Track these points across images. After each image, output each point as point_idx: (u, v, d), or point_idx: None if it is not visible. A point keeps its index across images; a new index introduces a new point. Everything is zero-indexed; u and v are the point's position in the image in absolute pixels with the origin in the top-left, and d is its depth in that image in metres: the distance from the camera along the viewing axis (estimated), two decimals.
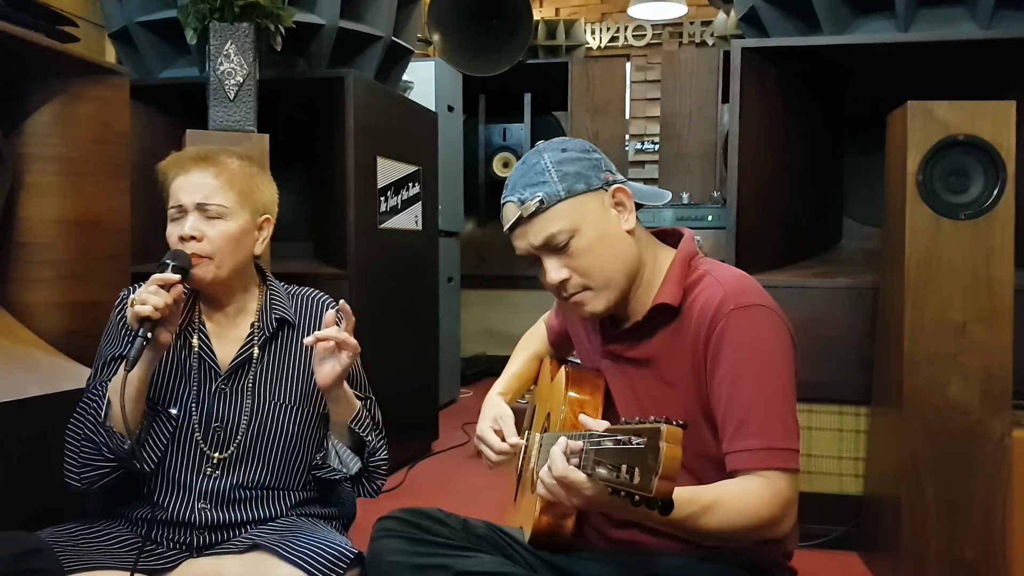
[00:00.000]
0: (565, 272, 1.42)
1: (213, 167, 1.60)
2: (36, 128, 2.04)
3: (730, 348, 1.36)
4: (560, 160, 1.42)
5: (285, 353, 1.68)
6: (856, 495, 2.57)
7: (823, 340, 2.55)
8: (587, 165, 1.43)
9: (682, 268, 1.46)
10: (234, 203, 1.60)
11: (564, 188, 1.40)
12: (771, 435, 1.32)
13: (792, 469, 1.34)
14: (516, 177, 1.45)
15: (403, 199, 3.44)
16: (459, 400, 4.93)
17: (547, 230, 1.40)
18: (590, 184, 1.42)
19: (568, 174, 1.41)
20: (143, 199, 2.68)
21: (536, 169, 1.42)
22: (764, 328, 1.37)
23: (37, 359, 1.96)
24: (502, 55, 5.29)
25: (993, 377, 2.15)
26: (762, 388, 1.34)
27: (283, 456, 1.64)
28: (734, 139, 2.65)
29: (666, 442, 1.04)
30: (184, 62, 3.17)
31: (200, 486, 1.59)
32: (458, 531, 1.54)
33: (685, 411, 1.41)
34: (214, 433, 1.61)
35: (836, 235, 2.94)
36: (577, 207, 1.40)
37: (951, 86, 2.45)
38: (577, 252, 1.40)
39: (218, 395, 1.62)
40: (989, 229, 2.16)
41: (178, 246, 1.57)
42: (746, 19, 2.93)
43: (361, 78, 3.08)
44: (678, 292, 1.43)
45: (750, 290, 1.41)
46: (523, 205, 1.40)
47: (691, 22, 6.44)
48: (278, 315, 1.68)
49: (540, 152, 1.45)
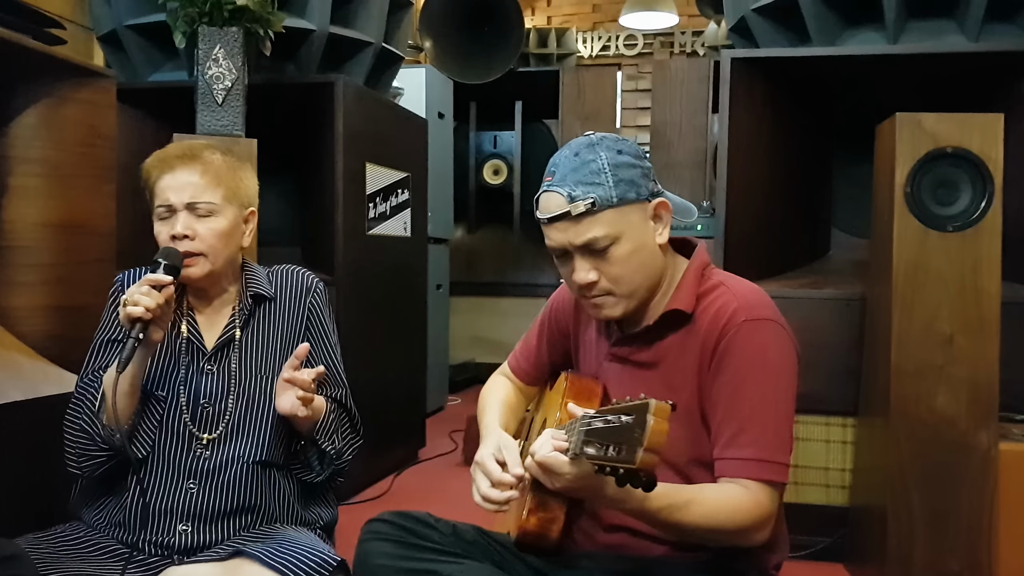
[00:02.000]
0: (595, 275, 1.41)
1: (200, 165, 1.62)
2: (21, 131, 2.03)
3: (736, 357, 1.37)
4: (617, 163, 1.39)
5: (266, 328, 1.71)
6: (842, 506, 2.56)
7: (810, 350, 2.51)
8: (639, 173, 1.41)
9: (696, 276, 1.47)
10: (222, 199, 1.63)
11: (617, 194, 1.38)
12: (765, 447, 1.34)
13: (779, 482, 1.35)
14: (566, 168, 1.40)
15: (392, 205, 3.43)
16: (447, 407, 4.91)
17: (591, 232, 1.38)
18: (640, 194, 1.40)
19: (622, 180, 1.38)
20: (129, 202, 2.67)
21: (592, 167, 1.38)
22: (773, 342, 1.39)
23: (20, 364, 1.95)
24: (493, 62, 5.29)
25: (980, 388, 2.15)
26: (764, 399, 1.36)
27: (271, 430, 1.64)
28: (723, 149, 2.65)
29: (654, 416, 1.07)
30: (172, 66, 3.16)
31: (190, 466, 1.59)
32: (447, 536, 1.54)
33: (687, 416, 1.41)
34: (202, 412, 1.62)
35: (824, 245, 2.94)
36: (623, 215, 1.39)
37: (940, 98, 2.46)
38: (613, 259, 1.40)
39: (206, 376, 1.64)
40: (977, 241, 2.16)
41: (169, 244, 1.59)
42: (736, 30, 2.94)
43: (351, 84, 3.07)
44: (692, 299, 1.45)
45: (763, 304, 1.42)
46: (573, 202, 1.37)
47: (682, 32, 6.47)
48: (253, 291, 1.71)
49: (595, 148, 1.40)
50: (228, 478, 1.60)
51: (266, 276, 1.76)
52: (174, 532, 1.57)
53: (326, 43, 3.07)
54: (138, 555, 1.56)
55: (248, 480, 1.61)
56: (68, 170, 2.10)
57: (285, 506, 1.67)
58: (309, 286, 1.77)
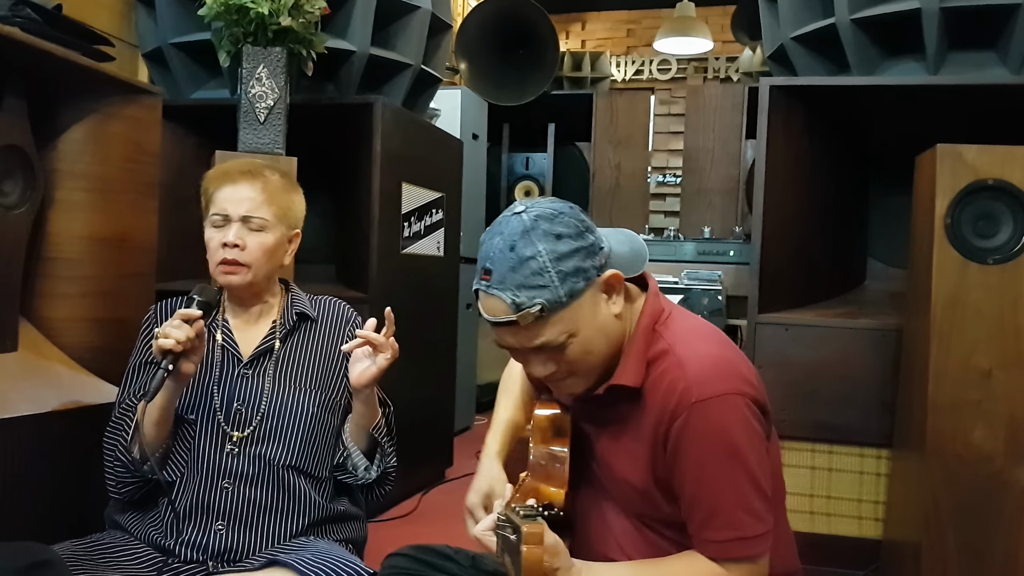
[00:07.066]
0: (552, 366, 1.35)
1: (260, 182, 1.71)
2: (68, 145, 2.06)
3: (692, 443, 1.31)
4: (558, 256, 1.27)
5: (305, 345, 1.78)
6: (875, 539, 2.53)
7: (845, 381, 2.53)
8: (584, 255, 1.30)
9: (645, 339, 1.38)
10: (273, 217, 1.72)
11: (566, 292, 1.28)
12: (739, 526, 1.31)
13: (762, 552, 1.33)
14: (503, 267, 1.28)
15: (426, 225, 3.46)
16: (474, 427, 4.91)
17: (543, 337, 1.30)
18: (588, 277, 1.30)
19: (568, 274, 1.28)
20: (170, 217, 2.72)
21: (532, 267, 1.27)
22: (727, 420, 1.31)
23: (59, 374, 1.97)
24: (527, 85, 5.33)
25: (1018, 425, 2.12)
26: (731, 481, 1.31)
27: (301, 436, 1.69)
28: (760, 177, 2.64)
29: (526, 544, 1.10)
30: (215, 83, 3.21)
31: (222, 464, 1.64)
32: (467, 568, 1.54)
33: (643, 483, 1.39)
34: (235, 414, 1.67)
35: (860, 275, 2.92)
36: (576, 311, 1.30)
37: (981, 130, 2.43)
38: (570, 352, 1.33)
39: (240, 379, 1.70)
40: (1017, 274, 2.13)
41: (219, 251, 1.68)
42: (774, 57, 2.94)
43: (389, 105, 3.10)
44: (639, 371, 1.37)
45: (714, 374, 1.32)
46: (519, 311, 1.27)
47: (716, 57, 6.46)
48: (299, 310, 1.79)
49: (531, 240, 1.28)
50: (261, 478, 1.64)
51: (308, 301, 1.84)
52: (211, 531, 1.61)
53: (366, 64, 3.11)
54: (173, 562, 1.59)
55: (279, 482, 1.65)
56: (113, 185, 2.13)
57: (316, 515, 1.69)
58: (349, 317, 1.86)
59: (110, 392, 1.98)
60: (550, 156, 5.89)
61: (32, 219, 1.97)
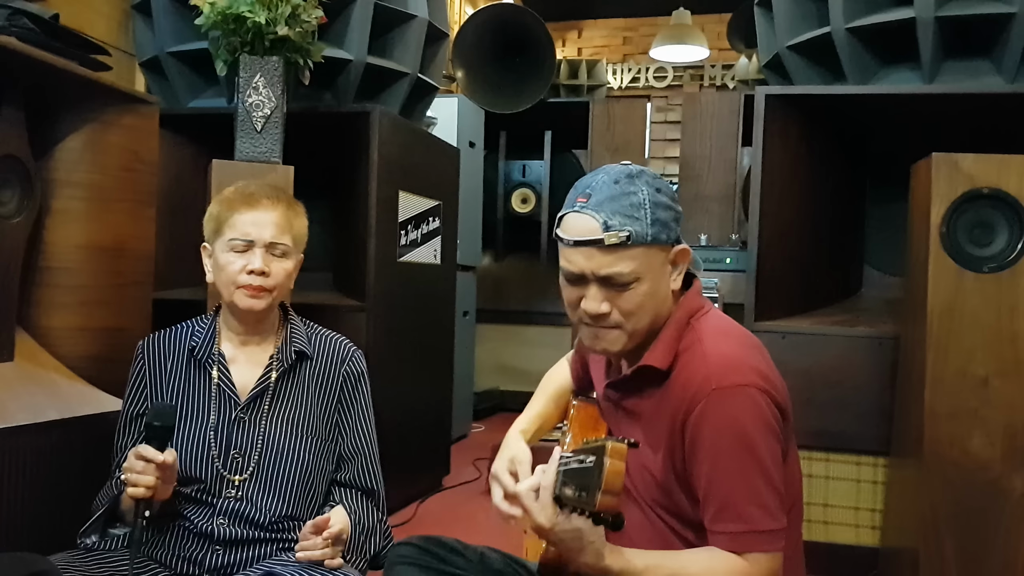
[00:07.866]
0: (607, 307, 1.37)
1: (282, 207, 1.69)
2: (66, 154, 2.06)
3: (708, 431, 1.33)
4: (656, 202, 1.35)
5: (300, 386, 1.74)
6: (872, 547, 2.53)
7: (841, 389, 2.53)
8: (672, 216, 1.38)
9: (678, 329, 1.42)
10: (292, 243, 1.70)
11: (652, 233, 1.34)
12: (751, 519, 1.31)
13: (775, 550, 1.33)
14: (604, 194, 1.35)
15: (423, 233, 3.46)
16: (471, 435, 4.90)
17: (617, 266, 1.34)
18: (669, 237, 1.37)
19: (658, 220, 1.35)
20: (167, 226, 2.72)
21: (632, 200, 1.34)
22: (743, 410, 1.33)
23: (57, 383, 1.97)
24: (524, 93, 5.33)
25: (1015, 432, 2.12)
26: (743, 473, 1.32)
27: (297, 484, 1.67)
28: (756, 185, 2.65)
29: (609, 457, 1.09)
30: (212, 92, 3.21)
31: (220, 506, 1.63)
32: (474, 563, 1.53)
33: (663, 473, 1.41)
34: (232, 460, 1.65)
35: (856, 283, 2.93)
36: (650, 256, 1.36)
37: (976, 138, 2.44)
38: (630, 297, 1.36)
39: (236, 424, 1.67)
40: (1013, 283, 2.14)
41: (243, 277, 1.64)
42: (770, 66, 2.95)
43: (387, 113, 3.11)
44: (668, 356, 1.41)
45: (735, 366, 1.36)
46: (607, 231, 1.32)
47: (712, 65, 6.49)
48: (297, 348, 1.74)
49: (635, 180, 1.36)
50: (257, 519, 1.63)
51: (307, 335, 1.78)
52: (209, 551, 1.61)
53: (363, 73, 3.11)
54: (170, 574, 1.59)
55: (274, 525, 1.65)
56: (110, 194, 2.13)
57: None
58: (346, 355, 1.79)
59: (107, 402, 1.98)
60: (547, 164, 5.89)
61: (29, 228, 1.97)
